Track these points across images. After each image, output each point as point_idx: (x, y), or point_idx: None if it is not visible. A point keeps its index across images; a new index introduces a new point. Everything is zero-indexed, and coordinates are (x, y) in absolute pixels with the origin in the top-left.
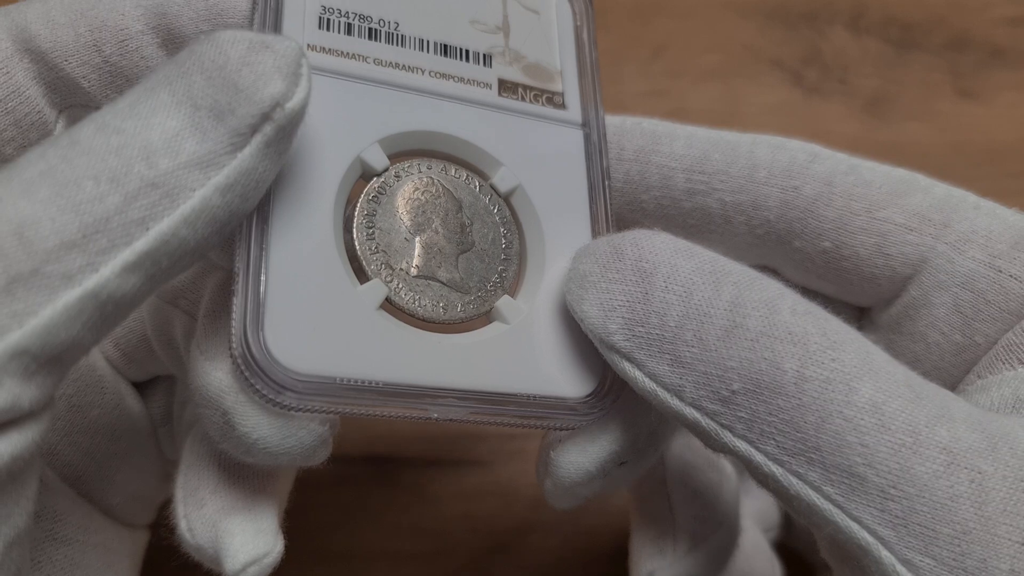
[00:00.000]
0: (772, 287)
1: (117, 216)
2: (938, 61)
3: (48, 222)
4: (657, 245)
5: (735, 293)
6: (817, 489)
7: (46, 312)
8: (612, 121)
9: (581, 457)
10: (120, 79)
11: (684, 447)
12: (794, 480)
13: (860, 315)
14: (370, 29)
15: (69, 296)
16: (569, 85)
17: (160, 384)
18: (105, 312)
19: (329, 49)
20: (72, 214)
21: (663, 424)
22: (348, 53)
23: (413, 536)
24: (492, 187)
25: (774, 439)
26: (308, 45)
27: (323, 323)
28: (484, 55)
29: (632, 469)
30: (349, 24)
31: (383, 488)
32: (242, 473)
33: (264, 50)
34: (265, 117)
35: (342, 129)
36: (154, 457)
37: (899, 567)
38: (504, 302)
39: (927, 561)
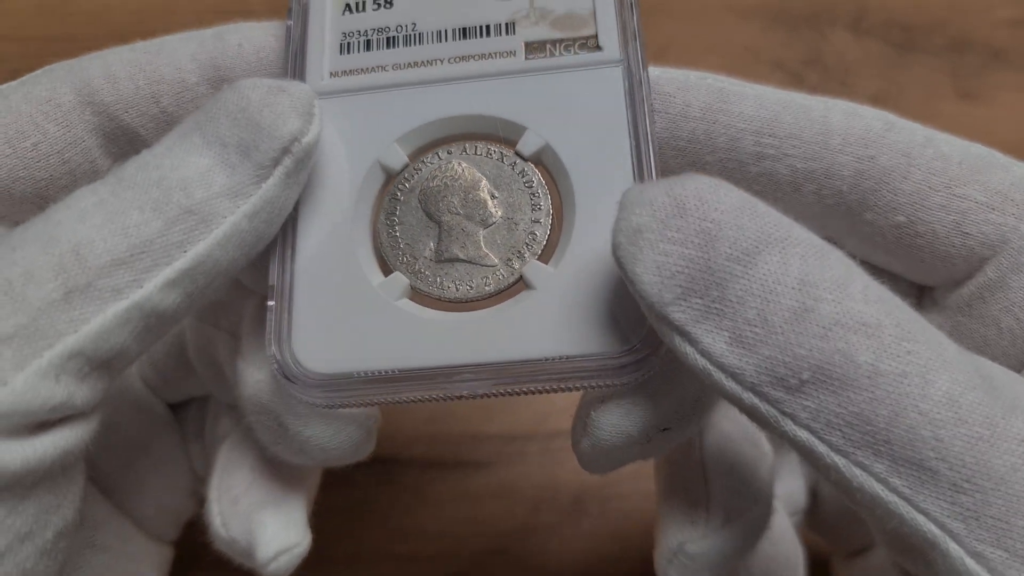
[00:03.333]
0: (841, 263)
1: (159, 239)
2: (939, 63)
3: (101, 243)
4: (722, 200)
5: (803, 269)
6: (883, 481)
7: (98, 320)
8: (674, 75)
9: (624, 420)
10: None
11: (723, 417)
12: (858, 472)
13: (920, 293)
14: (388, 39)
15: (118, 307)
16: (604, 23)
17: (192, 404)
18: (149, 323)
19: (349, 71)
20: (121, 236)
21: (709, 390)
22: (367, 68)
23: (415, 538)
24: (517, 153)
25: (840, 431)
26: (331, 72)
27: (342, 322)
28: (507, 24)
29: (674, 435)
30: (368, 41)
31: (385, 490)
32: (273, 473)
33: (280, 93)
34: (285, 151)
35: (360, 140)
36: (184, 472)
37: (968, 560)
38: (531, 267)
39: (999, 554)
